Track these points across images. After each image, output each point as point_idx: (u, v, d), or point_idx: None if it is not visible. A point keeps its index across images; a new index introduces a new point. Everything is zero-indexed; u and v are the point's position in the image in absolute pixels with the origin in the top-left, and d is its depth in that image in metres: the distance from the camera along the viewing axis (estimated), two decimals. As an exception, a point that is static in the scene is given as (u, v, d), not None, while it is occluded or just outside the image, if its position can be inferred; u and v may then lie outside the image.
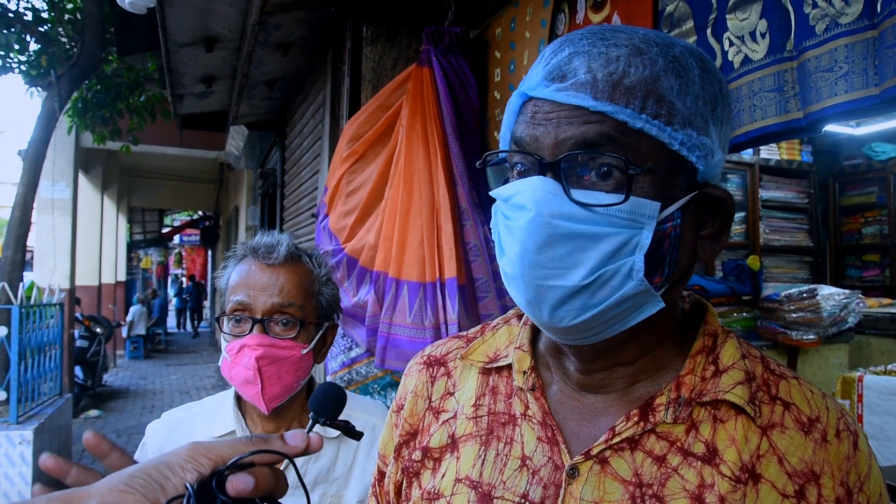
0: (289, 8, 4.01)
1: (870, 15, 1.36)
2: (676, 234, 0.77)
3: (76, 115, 8.86)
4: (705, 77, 0.80)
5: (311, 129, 5.18)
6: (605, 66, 0.76)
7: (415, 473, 0.93)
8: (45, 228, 10.98)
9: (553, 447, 0.84)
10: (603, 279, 0.74)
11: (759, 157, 5.79)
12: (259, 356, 1.47)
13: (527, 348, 0.93)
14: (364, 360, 3.00)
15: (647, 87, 0.75)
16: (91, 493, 0.60)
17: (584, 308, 0.76)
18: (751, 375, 0.83)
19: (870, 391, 3.64)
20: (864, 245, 6.52)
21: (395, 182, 2.82)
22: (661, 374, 0.85)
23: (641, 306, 0.78)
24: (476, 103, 2.94)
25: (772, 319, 4.41)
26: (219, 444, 0.68)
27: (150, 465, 0.64)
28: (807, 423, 0.80)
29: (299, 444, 0.72)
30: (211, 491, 0.64)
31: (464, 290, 2.66)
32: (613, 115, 0.74)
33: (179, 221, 26.55)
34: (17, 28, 7.54)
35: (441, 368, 1.01)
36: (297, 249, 1.61)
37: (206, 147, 12.54)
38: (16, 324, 6.04)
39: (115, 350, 15.73)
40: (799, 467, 0.77)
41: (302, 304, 1.54)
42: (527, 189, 0.76)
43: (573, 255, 0.74)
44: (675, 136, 0.75)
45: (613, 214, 0.73)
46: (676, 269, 0.79)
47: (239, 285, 1.54)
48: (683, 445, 0.79)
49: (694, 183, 0.79)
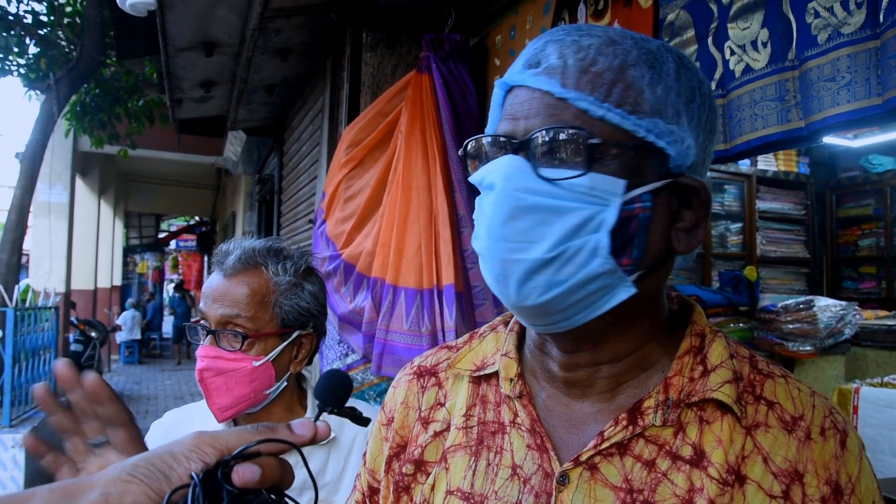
0: (289, 14, 4.01)
1: (872, 25, 1.36)
2: (645, 216, 0.77)
3: (74, 118, 8.86)
4: (681, 72, 0.80)
5: (309, 135, 5.18)
6: (576, 53, 0.78)
7: (405, 488, 0.92)
8: (41, 232, 10.96)
9: (542, 454, 0.83)
10: (567, 255, 0.75)
11: (756, 168, 5.81)
12: (202, 368, 1.48)
13: (513, 355, 0.91)
14: (360, 367, 2.99)
15: (616, 75, 0.77)
16: (94, 483, 0.59)
17: (550, 285, 0.76)
18: (738, 375, 0.82)
19: (866, 403, 3.64)
20: (861, 257, 6.53)
21: (394, 188, 2.82)
22: (647, 375, 0.84)
23: (612, 289, 0.77)
24: (475, 110, 2.94)
25: (768, 330, 4.41)
26: (224, 434, 0.66)
27: (154, 455, 0.63)
28: (790, 421, 0.79)
29: (306, 433, 0.71)
30: (216, 481, 0.63)
31: (461, 297, 2.65)
32: (575, 102, 0.76)
33: (176, 226, 26.52)
34: (16, 31, 7.54)
35: (431, 378, 0.99)
36: (257, 255, 1.55)
37: (204, 152, 12.53)
38: (10, 327, 6.03)
39: (109, 355, 15.69)
40: (784, 466, 0.76)
41: (253, 315, 1.50)
42: (496, 167, 0.78)
43: (536, 229, 0.75)
44: (639, 124, 0.76)
45: (577, 189, 0.74)
46: (647, 254, 0.78)
47: (203, 294, 1.56)
48: (672, 449, 0.78)
49: (668, 171, 0.79)
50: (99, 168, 14.02)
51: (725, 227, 5.72)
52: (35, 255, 11.07)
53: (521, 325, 0.94)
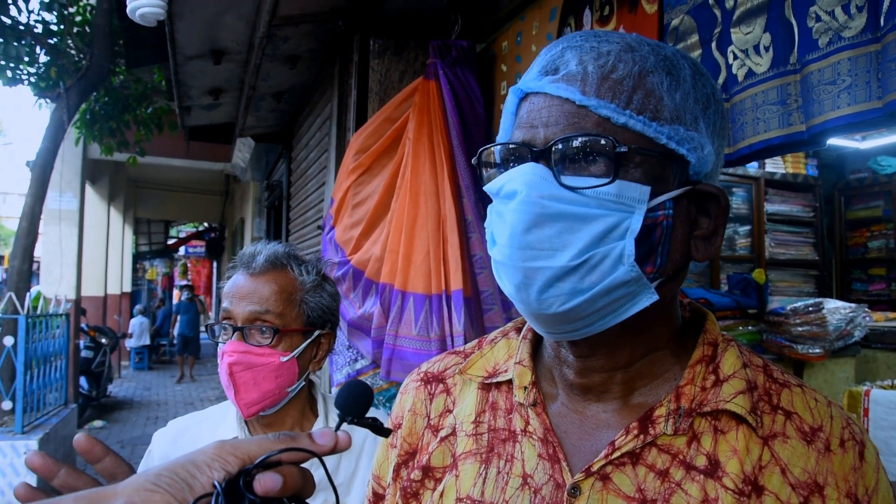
0: (297, 21, 4.04)
1: (873, 28, 1.37)
2: (668, 223, 0.77)
3: (84, 126, 8.92)
4: (697, 78, 0.80)
5: (317, 142, 5.20)
6: (596, 60, 0.77)
7: (413, 494, 0.91)
8: (51, 239, 11.02)
9: (554, 465, 0.82)
10: (592, 262, 0.74)
11: (764, 171, 5.80)
12: (232, 362, 1.52)
13: (527, 363, 0.91)
14: (369, 372, 3.00)
15: (636, 81, 0.76)
16: (118, 492, 0.60)
17: (573, 293, 0.75)
18: (752, 385, 0.81)
19: (876, 405, 3.62)
20: (870, 259, 6.50)
21: (402, 194, 2.83)
22: (659, 382, 0.84)
23: (635, 296, 0.77)
24: (482, 116, 2.96)
25: (777, 333, 4.40)
26: (246, 443, 0.67)
27: (176, 464, 0.63)
28: (809, 432, 0.78)
29: (328, 443, 0.70)
30: (238, 490, 0.63)
31: (469, 302, 2.66)
32: (597, 109, 0.75)
33: (185, 233, 26.61)
34: (27, 40, 7.61)
35: (439, 385, 0.99)
36: (282, 257, 1.62)
37: (213, 159, 12.60)
38: (22, 334, 6.06)
39: (119, 361, 15.75)
40: (802, 478, 0.75)
41: (282, 311, 1.56)
42: (517, 175, 0.77)
43: (562, 236, 0.74)
44: (661, 131, 0.76)
45: (603, 197, 0.74)
46: (669, 262, 0.79)
47: (226, 294, 1.60)
48: (685, 458, 0.77)
49: (687, 178, 0.79)
50: (108, 175, 14.09)
51: (734, 229, 5.71)
52: (46, 263, 11.13)
53: (534, 332, 0.93)
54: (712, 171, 0.81)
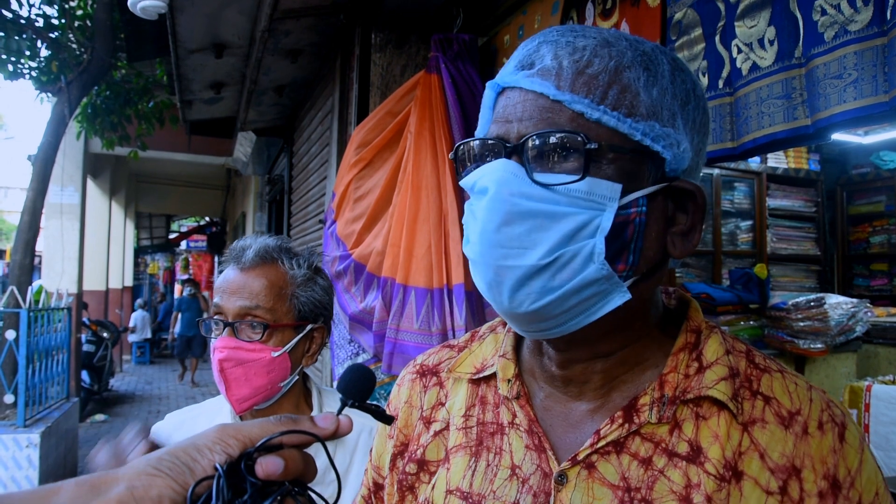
0: (298, 15, 4.03)
1: (879, 22, 1.36)
2: (641, 220, 0.76)
3: (85, 120, 8.90)
4: (676, 74, 0.80)
5: (319, 136, 5.20)
6: (571, 54, 0.77)
7: (409, 487, 0.92)
8: (53, 233, 11.03)
9: (541, 454, 0.83)
10: (563, 260, 0.74)
11: (766, 166, 5.79)
12: (223, 358, 1.51)
13: (510, 356, 0.92)
14: (371, 366, 3.00)
15: (611, 77, 0.76)
16: (119, 476, 0.60)
17: (544, 291, 0.75)
18: (734, 371, 0.81)
19: (877, 401, 3.62)
20: (872, 254, 6.50)
21: (403, 188, 2.82)
22: (642, 370, 0.84)
23: (607, 295, 0.77)
24: (484, 110, 2.95)
25: (779, 328, 4.40)
26: (248, 426, 0.67)
27: (178, 448, 0.63)
28: (787, 416, 0.78)
29: (329, 426, 0.71)
30: (240, 473, 0.63)
31: (471, 296, 2.65)
32: (570, 104, 0.74)
33: (186, 227, 26.61)
34: (28, 34, 7.59)
35: (433, 378, 1.00)
36: (272, 251, 1.60)
37: (214, 153, 12.57)
38: (24, 327, 6.08)
39: (121, 355, 15.77)
40: (780, 462, 0.75)
41: (272, 306, 1.55)
42: (489, 172, 0.76)
43: (532, 234, 0.74)
44: (636, 127, 0.75)
45: (573, 195, 0.74)
46: (642, 260, 0.78)
47: (217, 288, 1.59)
48: (668, 446, 0.78)
49: (664, 175, 0.78)
50: (110, 169, 14.09)
51: (736, 224, 5.70)
52: (47, 257, 11.14)
53: None
54: (691, 167, 0.81)
